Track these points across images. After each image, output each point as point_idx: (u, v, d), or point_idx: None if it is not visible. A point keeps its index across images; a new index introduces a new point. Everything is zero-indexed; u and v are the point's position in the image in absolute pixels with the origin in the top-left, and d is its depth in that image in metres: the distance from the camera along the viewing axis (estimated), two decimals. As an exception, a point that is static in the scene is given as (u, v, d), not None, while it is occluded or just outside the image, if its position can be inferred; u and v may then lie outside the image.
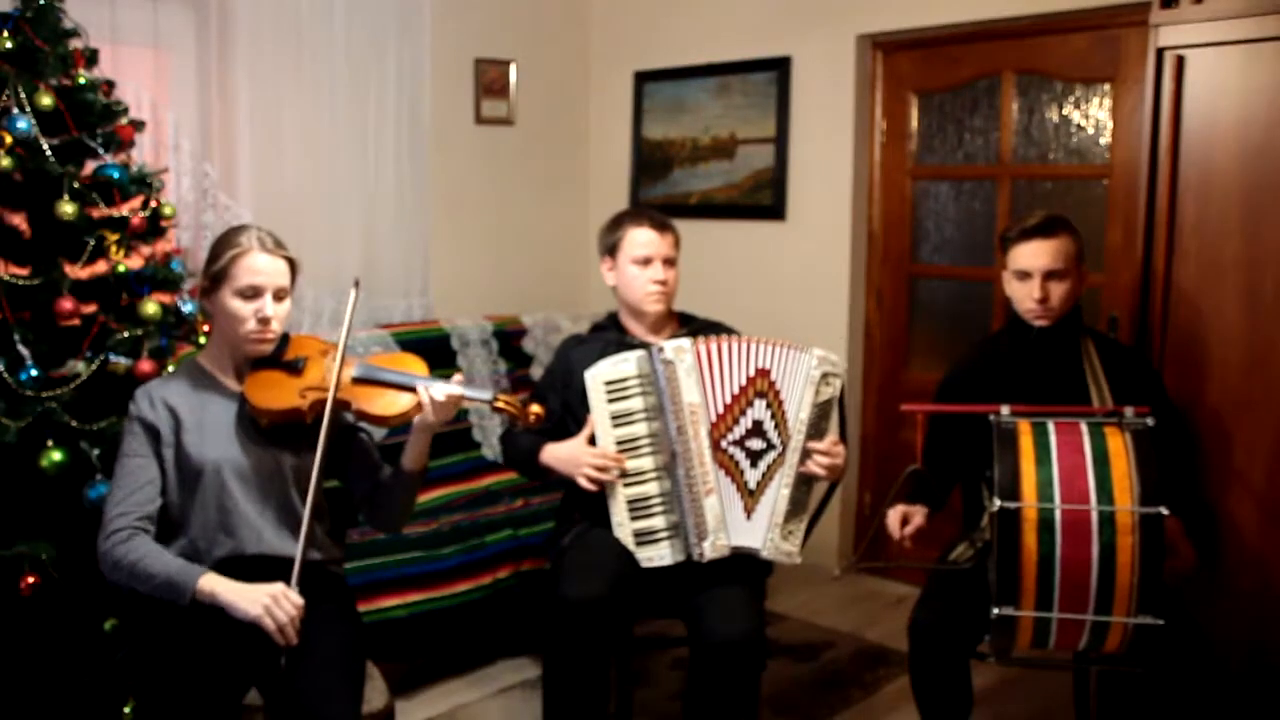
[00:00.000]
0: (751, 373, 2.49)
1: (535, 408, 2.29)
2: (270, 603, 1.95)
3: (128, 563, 2.00)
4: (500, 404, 2.26)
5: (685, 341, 2.51)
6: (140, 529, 2.04)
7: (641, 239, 2.66)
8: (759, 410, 2.49)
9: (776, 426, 2.48)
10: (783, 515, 2.46)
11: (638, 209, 2.81)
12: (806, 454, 2.47)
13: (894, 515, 2.49)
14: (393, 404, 2.19)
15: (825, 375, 2.48)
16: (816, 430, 2.48)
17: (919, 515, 2.48)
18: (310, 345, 2.26)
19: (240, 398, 2.16)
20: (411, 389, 2.20)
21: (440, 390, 2.18)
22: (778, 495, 2.47)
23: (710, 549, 2.46)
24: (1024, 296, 2.49)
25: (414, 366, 2.27)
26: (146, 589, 2.00)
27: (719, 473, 2.48)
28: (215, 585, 1.97)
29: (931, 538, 2.56)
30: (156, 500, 2.09)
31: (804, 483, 2.49)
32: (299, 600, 1.97)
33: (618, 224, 2.72)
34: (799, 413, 2.47)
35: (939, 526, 2.62)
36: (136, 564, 2.00)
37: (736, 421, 2.48)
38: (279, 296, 2.15)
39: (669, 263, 2.67)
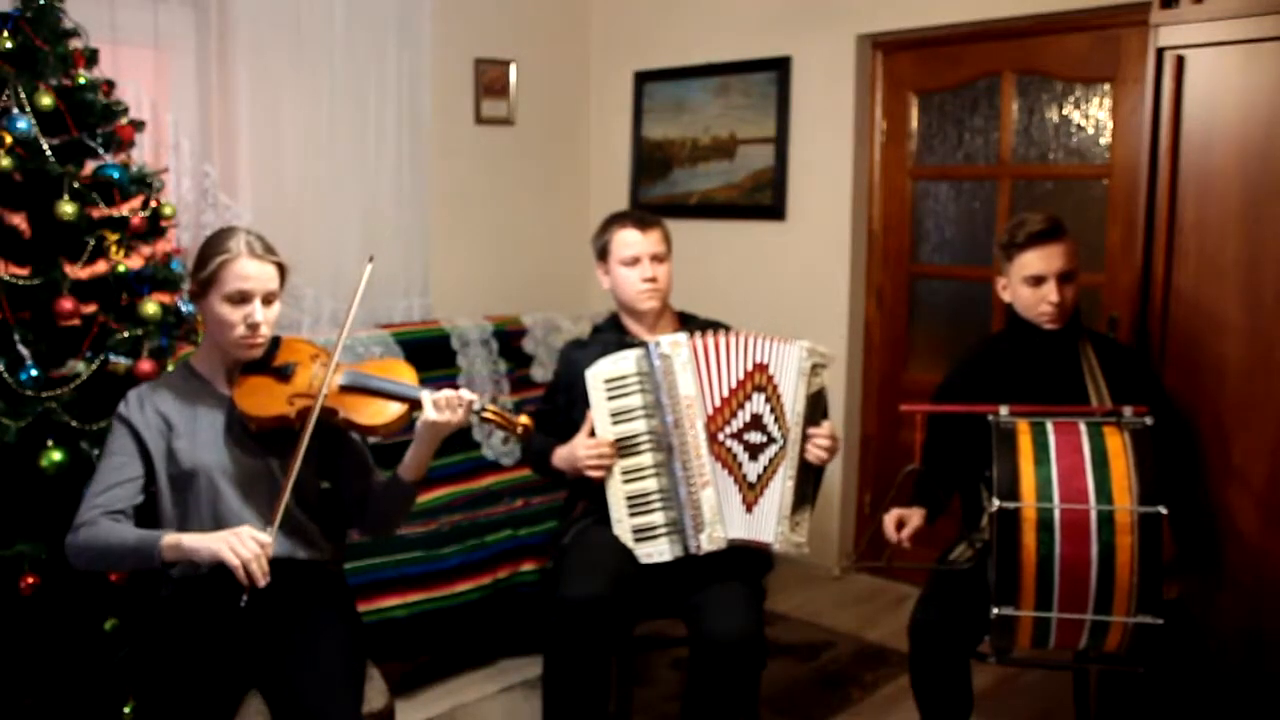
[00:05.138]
0: (749, 367, 2.51)
1: (523, 418, 2.25)
2: (235, 540, 1.92)
3: (93, 545, 1.99)
4: (488, 414, 2.21)
5: (681, 336, 2.54)
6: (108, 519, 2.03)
7: (627, 239, 2.70)
8: (758, 404, 2.50)
9: (777, 421, 2.50)
10: (789, 507, 2.48)
11: (622, 211, 2.84)
12: (804, 443, 2.49)
13: (890, 518, 2.49)
14: (380, 413, 2.16)
15: (815, 366, 2.52)
16: (811, 421, 2.51)
17: (916, 517, 2.48)
18: (301, 350, 2.24)
19: (230, 402, 2.15)
20: (400, 398, 2.18)
21: (436, 392, 2.15)
22: (783, 489, 2.48)
23: (707, 541, 2.47)
24: (1037, 301, 2.48)
25: (403, 374, 2.24)
26: (117, 565, 1.99)
27: (715, 465, 2.49)
28: (180, 538, 1.95)
29: (931, 538, 2.56)
30: (135, 498, 2.07)
31: (806, 473, 2.51)
32: (265, 538, 1.94)
33: (604, 229, 2.76)
34: (795, 406, 2.50)
35: (939, 526, 2.62)
36: (99, 544, 1.99)
37: (734, 415, 2.50)
38: (268, 301, 2.13)
39: (658, 259, 2.70)
